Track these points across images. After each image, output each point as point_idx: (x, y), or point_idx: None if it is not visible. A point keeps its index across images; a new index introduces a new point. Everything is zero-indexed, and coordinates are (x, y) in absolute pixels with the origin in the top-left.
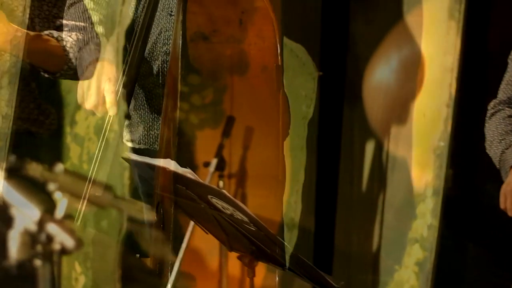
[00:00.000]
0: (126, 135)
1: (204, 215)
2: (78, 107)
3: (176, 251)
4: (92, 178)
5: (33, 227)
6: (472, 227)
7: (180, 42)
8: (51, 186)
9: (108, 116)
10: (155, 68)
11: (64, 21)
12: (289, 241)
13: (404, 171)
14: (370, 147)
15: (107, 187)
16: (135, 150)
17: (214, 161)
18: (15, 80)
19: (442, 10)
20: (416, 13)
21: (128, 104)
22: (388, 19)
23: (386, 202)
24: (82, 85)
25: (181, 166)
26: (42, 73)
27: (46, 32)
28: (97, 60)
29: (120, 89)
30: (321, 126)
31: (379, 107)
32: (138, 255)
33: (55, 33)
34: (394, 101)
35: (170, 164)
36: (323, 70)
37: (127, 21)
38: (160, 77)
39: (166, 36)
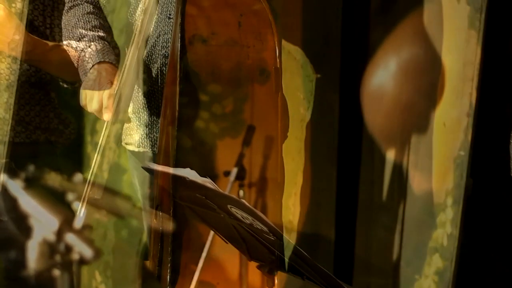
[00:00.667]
0: (125, 138)
1: (224, 225)
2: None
3: (176, 253)
4: (91, 181)
5: (51, 237)
6: (493, 237)
7: (179, 45)
8: (70, 196)
9: (106, 121)
10: (154, 71)
11: (63, 24)
12: (288, 244)
13: (424, 181)
14: (390, 156)
15: (127, 197)
16: (134, 153)
17: (234, 170)
18: (13, 84)
19: (462, 19)
20: (436, 22)
21: (127, 107)
22: None
23: (406, 211)
24: (84, 87)
25: (201, 175)
26: (61, 83)
27: (65, 42)
28: (99, 63)
29: (119, 93)
30: (342, 134)
31: (399, 116)
32: (138, 259)
33: (74, 43)
34: (414, 110)
35: (190, 174)
36: (344, 79)
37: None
38: (159, 80)
39: (165, 39)
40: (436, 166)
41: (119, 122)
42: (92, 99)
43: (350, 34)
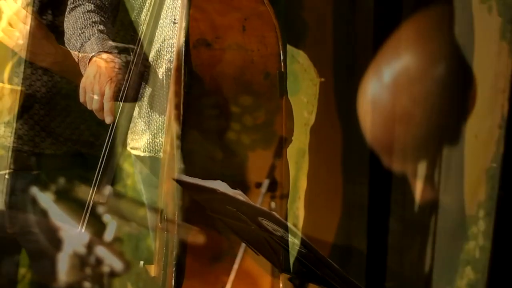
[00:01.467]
0: (131, 143)
1: (255, 237)
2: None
3: (182, 258)
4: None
5: (82, 250)
6: None
7: (183, 49)
8: (100, 209)
9: (110, 131)
10: (159, 76)
11: (65, 25)
12: (292, 249)
13: (456, 193)
14: (422, 167)
15: (157, 210)
16: (140, 158)
17: (266, 182)
18: (17, 89)
19: (494, 30)
20: (467, 33)
21: (132, 112)
22: None
23: (438, 224)
24: (84, 83)
25: (232, 187)
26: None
27: (66, 40)
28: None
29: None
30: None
31: (431, 128)
32: (142, 262)
33: (104, 55)
34: (446, 122)
35: (220, 186)
36: None
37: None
38: (165, 85)
39: (170, 44)
40: (468, 178)
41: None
42: (91, 99)
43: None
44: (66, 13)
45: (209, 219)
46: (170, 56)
